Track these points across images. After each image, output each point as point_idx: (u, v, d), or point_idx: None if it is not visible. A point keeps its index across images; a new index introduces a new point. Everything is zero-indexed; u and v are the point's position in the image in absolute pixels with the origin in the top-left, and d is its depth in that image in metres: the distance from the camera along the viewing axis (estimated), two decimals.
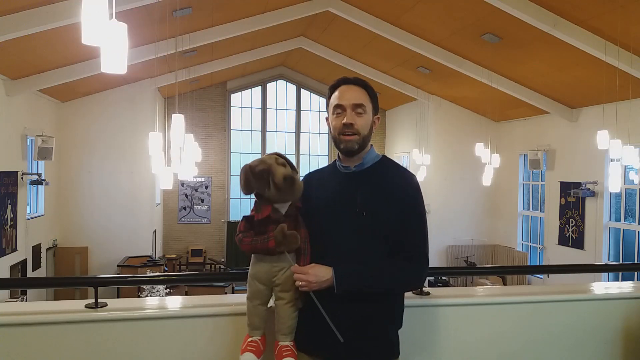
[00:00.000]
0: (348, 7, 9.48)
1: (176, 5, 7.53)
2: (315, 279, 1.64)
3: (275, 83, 17.30)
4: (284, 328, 1.73)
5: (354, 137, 1.76)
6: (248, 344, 1.74)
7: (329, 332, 1.66)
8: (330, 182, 1.85)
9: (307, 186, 1.85)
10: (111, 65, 2.98)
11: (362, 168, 1.81)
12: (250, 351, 1.71)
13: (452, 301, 2.17)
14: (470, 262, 13.24)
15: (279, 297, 1.72)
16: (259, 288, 1.73)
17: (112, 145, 12.30)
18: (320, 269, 1.67)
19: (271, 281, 1.71)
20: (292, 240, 1.65)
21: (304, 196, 1.81)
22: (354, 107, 1.78)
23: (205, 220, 16.34)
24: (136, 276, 4.28)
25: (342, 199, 1.77)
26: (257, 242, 1.67)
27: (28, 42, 7.31)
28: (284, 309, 1.72)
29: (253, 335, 1.75)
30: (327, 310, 1.66)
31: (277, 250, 1.65)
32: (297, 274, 1.66)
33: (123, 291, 9.68)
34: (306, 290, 1.66)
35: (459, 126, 13.82)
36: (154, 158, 7.73)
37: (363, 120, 1.78)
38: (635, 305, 2.35)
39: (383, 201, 1.72)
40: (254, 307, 1.75)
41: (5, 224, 8.62)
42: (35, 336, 1.87)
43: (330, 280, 1.66)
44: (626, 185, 9.96)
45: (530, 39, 8.40)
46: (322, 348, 1.74)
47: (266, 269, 1.71)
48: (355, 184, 1.78)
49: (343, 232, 1.73)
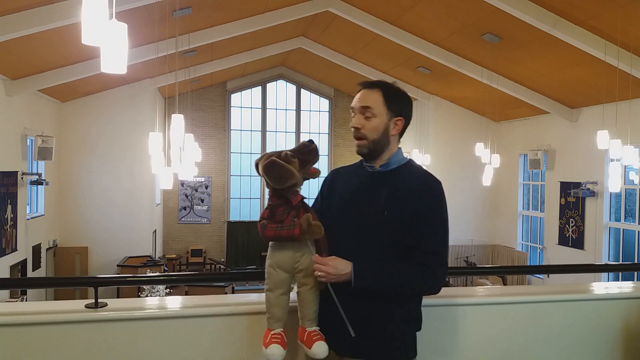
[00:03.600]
0: (348, 7, 9.48)
1: (176, 5, 7.53)
2: (334, 271, 1.65)
3: (275, 83, 17.30)
4: (310, 313, 1.73)
5: (361, 141, 1.78)
6: (272, 336, 1.72)
7: (342, 326, 1.67)
8: (354, 179, 1.86)
9: (333, 181, 1.89)
10: (111, 65, 2.98)
11: (387, 169, 1.81)
12: (277, 343, 1.69)
13: (452, 301, 2.17)
14: (470, 262, 13.24)
15: (303, 282, 1.72)
16: (281, 277, 1.72)
17: (112, 145, 12.30)
18: (340, 262, 1.67)
19: (294, 267, 1.72)
20: (316, 230, 1.67)
21: (328, 189, 1.87)
22: (362, 110, 1.78)
23: (205, 220, 16.35)
24: (136, 276, 4.27)
25: (364, 196, 1.78)
26: (282, 229, 1.67)
27: (28, 42, 7.30)
28: (308, 294, 1.72)
29: (275, 327, 1.74)
30: (342, 304, 1.66)
31: (302, 237, 1.67)
32: (317, 264, 1.66)
33: (123, 291, 9.69)
34: (324, 281, 1.67)
35: (459, 126, 13.82)
36: (154, 158, 7.73)
37: (371, 123, 1.77)
38: (635, 305, 2.35)
39: (404, 203, 1.72)
40: (276, 298, 1.73)
41: (5, 224, 8.62)
42: (35, 336, 1.86)
43: (348, 274, 1.66)
44: (626, 185, 9.96)
45: (530, 39, 8.40)
46: (335, 342, 1.74)
47: (289, 255, 1.71)
48: (378, 183, 1.78)
49: (362, 229, 1.74)
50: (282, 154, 1.68)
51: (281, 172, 1.64)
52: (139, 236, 12.62)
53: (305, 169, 1.72)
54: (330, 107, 17.57)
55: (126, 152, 12.34)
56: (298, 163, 1.68)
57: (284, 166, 1.64)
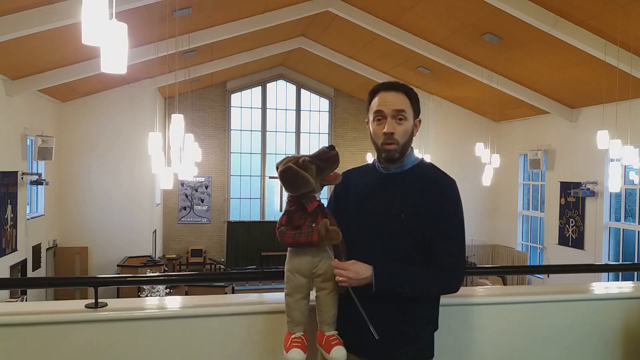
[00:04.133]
0: (348, 7, 9.48)
1: (176, 5, 7.53)
2: (355, 275, 1.65)
3: (275, 83, 17.30)
4: (328, 318, 1.73)
5: (393, 146, 1.75)
6: (292, 340, 1.72)
7: (364, 329, 1.67)
8: (368, 181, 1.85)
9: (345, 183, 1.85)
10: (111, 65, 2.99)
11: (402, 170, 1.80)
12: (297, 347, 1.70)
13: (452, 301, 2.17)
14: (470, 262, 13.24)
15: (321, 287, 1.73)
16: (300, 282, 1.73)
17: (112, 145, 12.30)
18: (360, 266, 1.67)
19: (312, 272, 1.72)
20: (334, 236, 1.67)
21: (342, 192, 1.86)
22: (395, 114, 1.76)
23: (205, 220, 16.35)
24: (136, 276, 4.27)
25: (380, 198, 1.77)
26: (300, 235, 1.68)
27: (28, 42, 7.31)
28: (326, 298, 1.72)
29: (295, 331, 1.75)
30: (363, 307, 1.66)
31: (320, 244, 1.67)
32: (337, 269, 1.66)
33: (123, 291, 9.69)
34: (345, 286, 1.67)
35: (459, 126, 13.82)
36: (154, 158, 7.74)
37: (403, 127, 1.76)
38: (635, 305, 2.35)
39: (420, 204, 1.71)
40: (295, 302, 1.74)
41: (5, 224, 8.62)
42: (35, 336, 1.86)
43: (369, 278, 1.66)
44: (626, 185, 9.96)
45: (530, 39, 8.40)
46: (357, 346, 1.74)
47: (307, 260, 1.72)
48: (394, 185, 1.78)
49: (379, 232, 1.73)
50: (300, 161, 1.67)
51: (296, 178, 1.64)
52: (139, 236, 12.62)
53: (324, 174, 1.71)
54: (330, 107, 17.56)
55: (126, 152, 12.34)
56: (315, 170, 1.67)
57: (299, 173, 1.64)
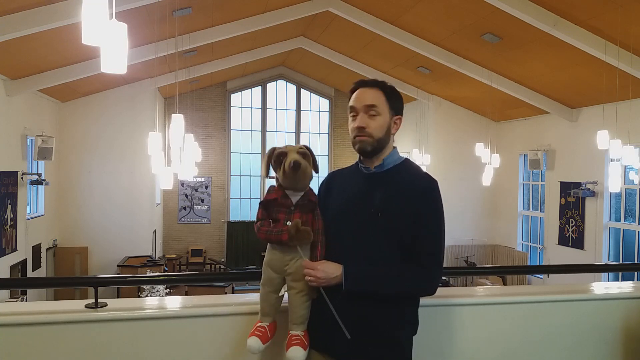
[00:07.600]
0: (348, 7, 9.48)
1: (176, 5, 7.53)
2: (323, 275, 1.65)
3: (275, 83, 17.30)
4: (295, 317, 1.74)
5: (364, 138, 1.75)
6: (256, 328, 1.76)
7: (337, 329, 1.66)
8: (350, 181, 1.85)
9: (329, 183, 1.89)
10: (111, 65, 2.98)
11: (382, 169, 1.79)
12: (257, 335, 1.73)
13: (452, 301, 2.17)
14: (470, 262, 13.24)
15: (291, 286, 1.74)
16: (271, 276, 1.76)
17: (112, 145, 12.30)
18: (330, 265, 1.67)
19: (283, 270, 1.74)
20: (305, 236, 1.67)
21: (324, 192, 1.86)
22: (366, 109, 1.76)
23: (205, 220, 16.35)
24: (136, 276, 4.27)
25: (359, 198, 1.77)
26: (271, 233, 1.70)
27: (28, 42, 7.30)
28: (295, 298, 1.73)
29: (263, 321, 1.78)
30: (336, 307, 1.66)
31: (290, 243, 1.67)
32: (306, 269, 1.67)
33: (123, 291, 9.69)
34: (315, 285, 1.67)
35: (459, 126, 13.82)
36: (154, 158, 7.73)
37: (376, 122, 1.76)
38: (635, 305, 2.35)
39: (400, 204, 1.71)
40: (265, 294, 1.78)
41: (5, 224, 8.62)
42: (35, 336, 1.86)
43: (339, 278, 1.66)
44: (626, 185, 9.96)
45: (530, 39, 8.40)
46: (329, 346, 1.73)
47: (278, 257, 1.73)
48: (373, 185, 1.77)
49: (357, 232, 1.73)
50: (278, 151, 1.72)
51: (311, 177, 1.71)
52: (139, 236, 12.62)
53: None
54: (330, 107, 17.57)
55: (126, 152, 12.34)
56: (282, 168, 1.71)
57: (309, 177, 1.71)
